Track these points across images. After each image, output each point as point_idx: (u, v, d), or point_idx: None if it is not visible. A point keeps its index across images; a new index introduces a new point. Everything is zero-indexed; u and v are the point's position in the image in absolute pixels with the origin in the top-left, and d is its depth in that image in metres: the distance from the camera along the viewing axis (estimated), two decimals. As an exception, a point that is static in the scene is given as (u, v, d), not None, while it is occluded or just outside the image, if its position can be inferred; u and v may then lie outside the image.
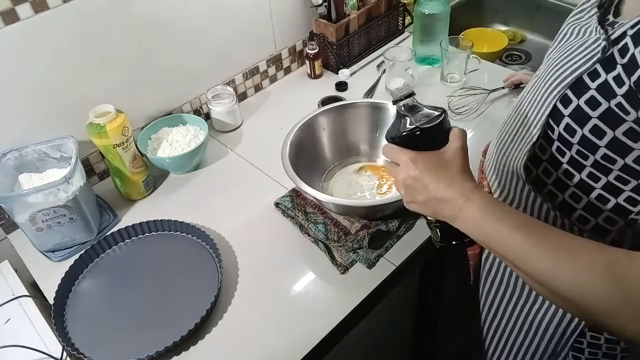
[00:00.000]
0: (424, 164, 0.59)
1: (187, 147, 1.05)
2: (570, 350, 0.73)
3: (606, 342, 0.69)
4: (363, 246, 0.86)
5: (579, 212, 0.62)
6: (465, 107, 1.14)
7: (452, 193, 0.57)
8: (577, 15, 0.63)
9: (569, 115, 0.57)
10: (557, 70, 0.59)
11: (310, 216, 0.92)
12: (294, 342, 0.76)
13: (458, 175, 0.58)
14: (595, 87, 0.54)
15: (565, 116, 0.58)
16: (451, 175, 0.58)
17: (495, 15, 1.66)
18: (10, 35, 0.84)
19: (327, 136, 1.02)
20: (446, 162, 0.59)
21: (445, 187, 0.58)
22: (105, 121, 0.90)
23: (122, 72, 1.02)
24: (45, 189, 0.84)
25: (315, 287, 0.84)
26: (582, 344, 0.71)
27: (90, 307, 0.83)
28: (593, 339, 0.70)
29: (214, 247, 0.87)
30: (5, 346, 0.79)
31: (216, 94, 1.16)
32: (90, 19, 0.92)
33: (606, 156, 0.56)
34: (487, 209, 0.55)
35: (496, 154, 0.73)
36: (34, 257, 0.93)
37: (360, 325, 0.85)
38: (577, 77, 0.55)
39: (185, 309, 0.80)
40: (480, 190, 0.57)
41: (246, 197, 1.01)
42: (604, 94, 0.53)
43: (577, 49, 0.57)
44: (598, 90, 0.54)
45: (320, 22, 1.26)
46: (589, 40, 0.56)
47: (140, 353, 0.73)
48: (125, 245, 0.92)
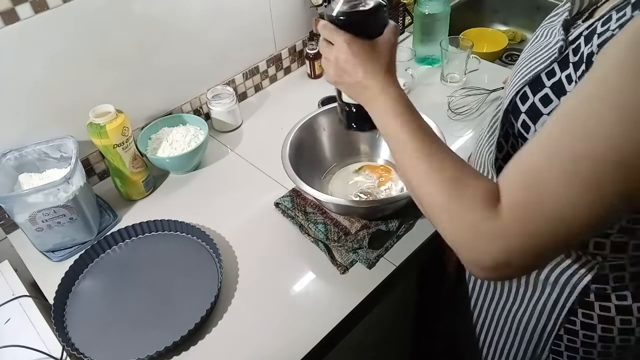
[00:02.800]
0: (358, 49, 0.61)
1: (187, 147, 1.05)
2: (551, 353, 0.74)
3: (582, 345, 0.69)
4: (363, 246, 0.86)
5: None
6: (465, 107, 1.14)
7: (375, 82, 0.61)
8: (552, 18, 0.65)
9: (525, 112, 0.58)
10: (522, 70, 0.61)
11: (310, 216, 0.92)
12: (294, 342, 0.76)
13: (384, 67, 0.62)
14: (549, 85, 0.55)
15: (522, 112, 0.59)
16: (379, 65, 0.62)
17: (495, 15, 1.66)
18: (10, 35, 0.84)
19: (327, 136, 1.02)
20: (378, 54, 0.62)
21: (372, 76, 0.61)
22: (105, 121, 0.90)
23: (122, 72, 1.02)
24: (45, 189, 0.84)
25: (315, 287, 0.84)
26: (560, 346, 0.72)
27: (90, 307, 0.83)
28: (570, 342, 0.70)
29: (214, 247, 0.87)
30: (5, 346, 0.79)
31: (216, 94, 1.16)
32: (90, 19, 0.92)
33: None
34: (396, 102, 0.60)
35: (475, 153, 0.75)
36: (34, 257, 0.93)
37: (360, 325, 0.85)
38: (536, 75, 0.57)
39: (185, 309, 0.80)
40: (397, 86, 0.62)
41: (246, 197, 1.01)
42: (557, 91, 0.54)
43: (541, 50, 0.59)
44: (552, 88, 0.55)
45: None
46: (552, 41, 0.58)
47: (140, 353, 0.73)
48: (125, 245, 0.92)
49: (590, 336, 0.68)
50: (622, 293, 0.64)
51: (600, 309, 0.65)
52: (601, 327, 0.66)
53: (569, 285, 0.65)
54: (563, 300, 0.67)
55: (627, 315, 0.64)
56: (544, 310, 0.71)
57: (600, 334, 0.67)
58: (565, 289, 0.66)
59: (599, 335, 0.67)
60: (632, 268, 0.62)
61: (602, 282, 0.64)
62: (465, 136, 1.09)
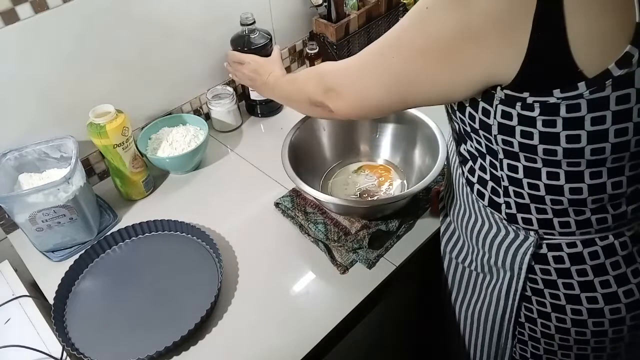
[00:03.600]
0: (260, 63, 0.99)
1: (187, 147, 1.05)
2: (518, 342, 0.77)
3: (542, 335, 0.72)
4: (363, 246, 0.86)
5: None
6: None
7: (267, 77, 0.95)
8: None
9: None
10: None
11: (310, 216, 0.92)
12: (294, 342, 0.76)
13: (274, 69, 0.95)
14: None
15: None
16: (271, 68, 0.96)
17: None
18: (10, 35, 0.84)
19: (327, 136, 1.02)
20: (270, 62, 0.98)
21: (267, 75, 0.95)
22: (105, 121, 0.90)
23: (122, 72, 1.02)
24: (45, 189, 0.84)
25: (315, 287, 0.84)
26: (524, 335, 0.75)
27: (90, 307, 0.83)
28: (531, 332, 0.73)
29: (214, 247, 0.87)
30: (5, 346, 0.79)
31: (216, 94, 1.16)
32: (91, 18, 0.92)
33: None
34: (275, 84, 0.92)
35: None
36: (34, 257, 0.93)
37: (360, 325, 0.85)
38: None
39: (185, 309, 0.80)
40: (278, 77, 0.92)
41: (246, 197, 1.01)
42: None
43: None
44: None
45: (320, 22, 1.26)
46: None
47: (140, 353, 0.73)
48: (125, 245, 0.92)
49: (547, 325, 0.70)
50: (568, 281, 0.66)
51: (551, 296, 0.68)
52: (555, 316, 0.69)
53: (516, 266, 0.69)
54: (514, 284, 0.71)
55: (577, 305, 0.66)
56: (500, 295, 0.74)
57: (556, 324, 0.69)
58: (514, 271, 0.70)
59: (554, 325, 0.69)
60: (568, 249, 0.65)
61: (543, 262, 0.67)
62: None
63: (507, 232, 0.69)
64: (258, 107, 1.21)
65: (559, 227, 0.63)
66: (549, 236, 0.65)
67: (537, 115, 0.54)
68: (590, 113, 0.51)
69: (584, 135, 0.53)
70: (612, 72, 0.49)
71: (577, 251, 0.64)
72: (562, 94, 0.51)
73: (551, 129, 0.54)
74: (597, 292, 0.65)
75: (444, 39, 0.54)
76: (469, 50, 0.53)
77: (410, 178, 0.99)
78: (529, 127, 0.55)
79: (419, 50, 0.57)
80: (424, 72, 0.58)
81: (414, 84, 0.60)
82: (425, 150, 0.95)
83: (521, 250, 0.68)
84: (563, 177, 0.58)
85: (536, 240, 0.66)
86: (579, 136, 0.53)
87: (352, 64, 0.67)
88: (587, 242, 0.64)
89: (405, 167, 1.01)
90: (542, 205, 0.62)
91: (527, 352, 0.76)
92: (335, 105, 0.71)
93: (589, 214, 0.61)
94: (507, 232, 0.69)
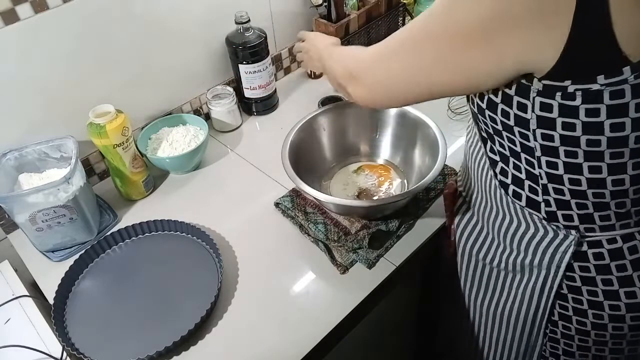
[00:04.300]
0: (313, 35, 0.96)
1: (187, 147, 1.05)
2: (548, 341, 0.75)
3: (577, 332, 0.71)
4: (363, 246, 0.86)
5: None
6: (465, 107, 1.14)
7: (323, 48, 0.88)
8: None
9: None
10: None
11: (310, 216, 0.92)
12: (294, 342, 0.76)
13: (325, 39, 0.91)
14: None
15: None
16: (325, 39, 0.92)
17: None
18: (10, 35, 0.84)
19: (327, 136, 1.02)
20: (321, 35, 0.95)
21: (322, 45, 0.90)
22: (105, 121, 0.90)
23: (122, 72, 1.02)
24: (45, 189, 0.84)
25: (315, 287, 0.84)
26: (556, 334, 0.74)
27: (90, 307, 0.83)
28: (565, 329, 0.72)
29: (214, 247, 0.87)
30: (5, 346, 0.79)
31: (216, 94, 1.16)
32: (91, 18, 0.92)
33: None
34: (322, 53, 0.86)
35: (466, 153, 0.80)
36: (34, 257, 0.93)
37: (360, 325, 0.85)
38: None
39: (186, 309, 0.80)
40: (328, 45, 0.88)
41: (246, 197, 1.01)
42: None
43: None
44: None
45: (320, 22, 1.26)
46: None
47: (140, 353, 0.73)
48: (125, 245, 0.92)
49: (583, 322, 0.69)
50: (607, 277, 0.66)
51: (588, 293, 0.67)
52: (592, 312, 0.68)
53: (553, 265, 0.68)
54: (550, 282, 0.70)
55: (615, 301, 0.66)
56: (533, 294, 0.73)
57: (593, 320, 0.68)
58: (550, 270, 0.69)
59: (591, 322, 0.68)
60: (608, 245, 0.64)
61: (583, 260, 0.66)
62: (465, 136, 1.09)
63: (546, 232, 0.67)
64: (253, 105, 1.21)
65: (600, 221, 0.63)
66: (589, 233, 0.64)
67: (579, 104, 0.51)
68: (635, 99, 0.50)
69: (628, 123, 0.52)
70: None
71: (617, 247, 0.64)
72: (606, 80, 0.49)
73: (594, 118, 0.52)
74: (635, 287, 0.65)
75: (478, 23, 0.51)
76: (504, 36, 0.50)
77: (410, 178, 0.99)
78: (571, 118, 0.53)
79: (449, 37, 0.54)
80: (453, 60, 0.55)
81: (442, 72, 0.57)
82: (425, 150, 0.95)
83: (561, 249, 0.66)
84: (605, 170, 0.57)
85: (577, 239, 0.64)
86: (623, 124, 0.52)
87: (377, 50, 0.65)
88: (626, 237, 0.63)
89: (405, 167, 1.01)
90: (583, 200, 0.61)
91: (558, 350, 0.75)
92: (354, 91, 0.71)
93: (629, 205, 0.60)
94: (546, 231, 0.67)
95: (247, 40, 1.11)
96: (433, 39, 0.56)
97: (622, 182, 0.58)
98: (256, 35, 1.12)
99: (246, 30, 1.12)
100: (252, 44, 1.11)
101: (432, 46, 0.56)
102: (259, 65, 1.14)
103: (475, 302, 0.86)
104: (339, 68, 0.74)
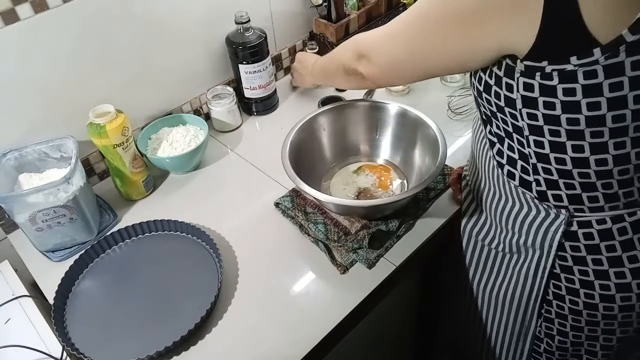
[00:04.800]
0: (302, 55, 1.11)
1: (187, 147, 1.05)
2: (543, 321, 0.78)
3: (570, 312, 0.73)
4: (363, 246, 0.86)
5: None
6: (465, 107, 1.14)
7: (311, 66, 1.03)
8: None
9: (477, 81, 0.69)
10: None
11: (310, 216, 0.92)
12: (294, 342, 0.76)
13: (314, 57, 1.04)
14: None
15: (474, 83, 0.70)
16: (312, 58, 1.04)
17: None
18: (10, 35, 0.84)
19: (327, 136, 1.02)
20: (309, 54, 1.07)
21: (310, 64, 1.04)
22: (105, 121, 0.90)
23: (122, 72, 1.02)
24: (45, 189, 0.84)
25: (315, 287, 0.84)
26: (551, 313, 0.76)
27: (90, 307, 0.83)
28: (559, 309, 0.75)
29: (214, 247, 0.87)
30: (5, 346, 0.79)
31: (216, 94, 1.16)
32: (91, 18, 0.92)
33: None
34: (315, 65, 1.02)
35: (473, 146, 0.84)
36: (34, 257, 0.93)
37: (360, 325, 0.85)
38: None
39: (186, 309, 0.80)
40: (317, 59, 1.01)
41: (246, 197, 1.01)
42: None
43: None
44: None
45: (320, 22, 1.26)
46: None
47: (140, 353, 0.73)
48: (125, 245, 0.92)
49: (575, 302, 0.72)
50: (597, 257, 0.68)
51: (580, 273, 0.70)
52: (584, 292, 0.70)
53: (546, 245, 0.71)
54: (543, 262, 0.72)
55: (605, 280, 0.68)
56: (527, 274, 0.76)
57: (584, 300, 0.71)
58: (543, 249, 0.72)
59: (583, 301, 0.71)
60: (598, 226, 0.66)
61: (573, 239, 0.68)
62: (465, 136, 1.09)
63: (538, 211, 0.70)
64: (253, 105, 1.21)
65: (588, 202, 0.65)
66: (579, 213, 0.67)
67: (556, 84, 0.55)
68: (608, 79, 0.53)
69: (603, 103, 0.55)
70: (625, 38, 0.50)
71: (606, 227, 0.66)
72: (578, 60, 0.53)
73: (571, 97, 0.55)
74: (624, 267, 0.67)
75: (466, 10, 0.57)
76: (488, 21, 0.55)
77: (410, 178, 0.99)
78: (551, 98, 0.57)
79: (442, 21, 0.61)
80: (446, 41, 0.62)
81: (436, 52, 0.64)
82: (425, 150, 0.95)
83: (552, 228, 0.69)
84: (588, 149, 0.59)
85: (567, 218, 0.67)
86: (599, 103, 0.55)
87: (383, 31, 0.71)
88: (616, 219, 0.65)
89: (405, 167, 1.01)
90: (570, 180, 0.64)
91: (552, 330, 0.77)
92: (366, 70, 0.76)
93: (616, 187, 0.63)
94: (538, 211, 0.70)
95: (247, 40, 1.11)
96: (428, 23, 0.63)
97: (605, 162, 0.60)
98: (256, 35, 1.12)
99: (246, 30, 1.12)
100: (252, 44, 1.11)
101: (427, 29, 0.63)
102: (259, 65, 1.14)
103: (477, 284, 0.88)
104: (345, 55, 0.80)
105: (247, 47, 1.11)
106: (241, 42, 1.11)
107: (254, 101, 1.20)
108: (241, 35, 1.12)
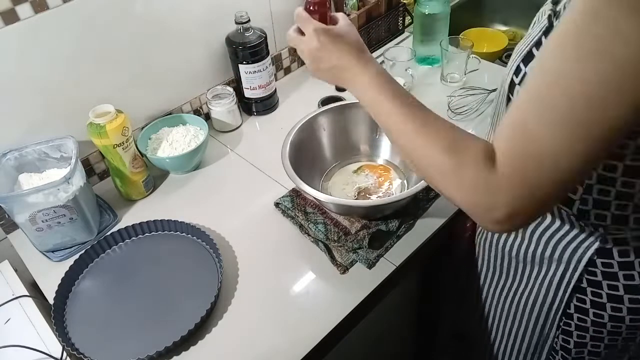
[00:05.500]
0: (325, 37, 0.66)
1: (187, 147, 1.05)
2: (561, 333, 0.75)
3: (592, 324, 0.71)
4: (363, 246, 0.86)
5: None
6: (465, 107, 1.14)
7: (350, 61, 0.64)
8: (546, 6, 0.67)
9: (519, 84, 0.60)
10: (518, 48, 0.64)
11: (310, 216, 0.92)
12: (294, 342, 0.76)
13: (355, 45, 0.65)
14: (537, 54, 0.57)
15: (516, 85, 0.60)
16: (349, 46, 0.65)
17: (495, 15, 1.65)
18: (10, 35, 0.84)
19: (327, 136, 1.02)
20: (344, 33, 0.66)
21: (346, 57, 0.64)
22: (105, 121, 0.90)
23: (122, 72, 1.02)
24: (45, 189, 0.84)
25: (315, 287, 0.84)
26: (570, 326, 0.73)
27: (90, 307, 0.83)
28: (580, 322, 0.71)
29: (214, 247, 0.87)
30: (5, 346, 0.79)
31: (216, 94, 1.16)
32: (91, 18, 0.92)
33: None
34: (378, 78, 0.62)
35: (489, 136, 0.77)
36: (34, 257, 0.93)
37: (360, 325, 0.85)
38: (529, 50, 0.59)
39: (186, 309, 0.80)
40: (374, 62, 0.64)
41: (246, 197, 1.01)
42: None
43: (534, 29, 0.61)
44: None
45: (320, 22, 1.25)
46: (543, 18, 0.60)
47: (140, 353, 0.73)
48: (125, 245, 0.92)
49: (600, 315, 0.69)
50: (629, 272, 0.65)
51: (609, 287, 0.67)
52: (611, 306, 0.68)
53: (574, 259, 0.67)
54: (569, 276, 0.69)
55: (636, 295, 0.66)
56: (550, 287, 0.72)
57: (610, 312, 0.68)
58: (570, 264, 0.68)
59: (609, 314, 0.68)
60: (634, 243, 0.64)
61: (606, 256, 0.65)
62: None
63: (572, 227, 0.67)
64: (253, 105, 1.21)
65: (633, 224, 0.62)
66: (617, 232, 0.63)
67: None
68: None
69: None
70: None
71: None
72: None
73: None
74: None
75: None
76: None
77: (410, 178, 0.99)
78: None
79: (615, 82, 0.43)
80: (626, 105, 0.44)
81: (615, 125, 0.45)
82: (425, 150, 0.95)
83: (584, 244, 0.66)
84: None
85: (603, 236, 0.64)
86: None
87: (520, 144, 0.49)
88: None
89: (405, 167, 1.01)
90: (625, 202, 0.60)
91: (569, 344, 0.75)
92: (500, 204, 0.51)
93: None
94: (572, 227, 0.67)
95: (247, 40, 1.11)
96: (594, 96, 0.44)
97: None
98: (256, 35, 1.12)
99: (246, 30, 1.12)
100: (252, 44, 1.11)
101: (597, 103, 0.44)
102: (259, 65, 1.14)
103: (489, 287, 0.85)
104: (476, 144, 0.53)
105: (247, 47, 1.11)
106: (241, 42, 1.11)
107: (254, 101, 1.20)
108: (241, 35, 1.12)
